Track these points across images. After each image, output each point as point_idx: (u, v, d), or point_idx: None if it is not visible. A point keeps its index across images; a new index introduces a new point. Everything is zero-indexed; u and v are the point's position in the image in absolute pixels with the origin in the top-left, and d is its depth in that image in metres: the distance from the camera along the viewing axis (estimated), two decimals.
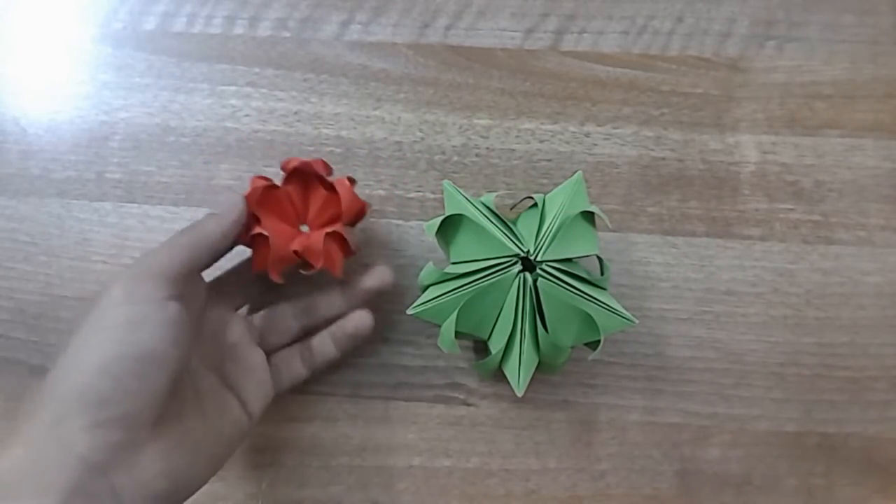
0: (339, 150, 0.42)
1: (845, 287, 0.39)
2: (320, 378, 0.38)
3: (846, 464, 0.37)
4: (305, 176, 0.35)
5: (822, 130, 0.41)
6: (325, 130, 0.42)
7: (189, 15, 0.45)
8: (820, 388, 0.38)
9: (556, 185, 0.41)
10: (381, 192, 0.41)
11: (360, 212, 0.35)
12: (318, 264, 0.33)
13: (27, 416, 0.26)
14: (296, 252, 0.34)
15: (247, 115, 0.43)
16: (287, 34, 0.44)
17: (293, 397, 0.38)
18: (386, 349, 0.38)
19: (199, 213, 0.41)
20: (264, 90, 0.43)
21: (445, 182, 0.34)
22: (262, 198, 0.34)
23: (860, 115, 0.42)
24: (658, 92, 0.42)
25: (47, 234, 0.41)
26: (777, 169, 0.41)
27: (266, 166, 0.41)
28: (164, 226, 0.41)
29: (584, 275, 0.32)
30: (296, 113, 0.43)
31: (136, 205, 0.41)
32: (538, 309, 0.32)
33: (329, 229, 0.34)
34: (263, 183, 0.34)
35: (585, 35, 0.44)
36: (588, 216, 0.33)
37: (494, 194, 0.34)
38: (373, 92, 0.43)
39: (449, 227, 0.33)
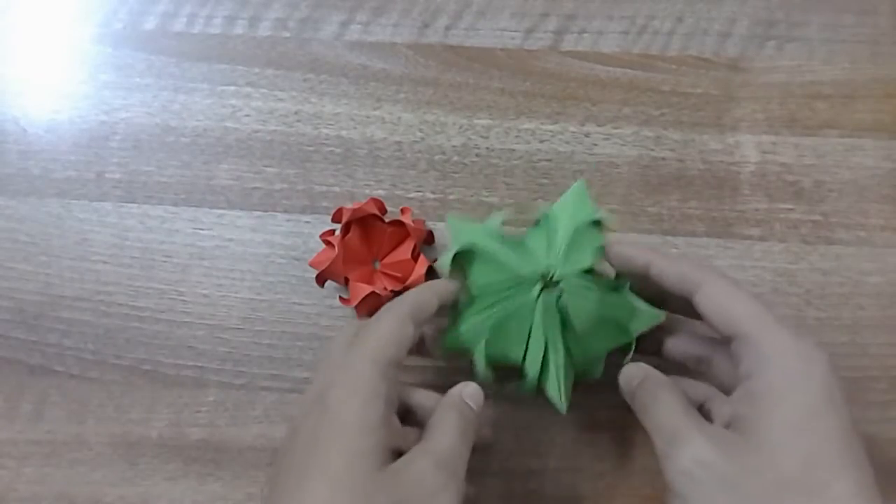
0: (339, 150, 0.42)
1: (845, 287, 0.39)
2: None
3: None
4: (408, 231, 0.38)
5: (822, 130, 0.41)
6: (325, 130, 0.42)
7: (189, 15, 0.45)
8: None
9: (556, 185, 0.41)
10: (381, 192, 0.41)
11: (429, 238, 0.39)
12: (352, 304, 0.36)
13: None
14: (346, 278, 0.37)
15: (247, 115, 0.43)
16: (287, 34, 0.44)
17: (293, 397, 0.38)
18: None
19: (200, 212, 0.41)
20: (264, 90, 0.43)
21: (449, 218, 0.34)
22: (365, 219, 0.38)
23: (860, 115, 0.41)
24: (658, 92, 0.42)
25: (47, 234, 0.41)
26: (777, 169, 0.41)
27: (266, 166, 0.41)
28: (164, 226, 0.41)
29: (602, 281, 0.32)
30: (296, 113, 0.43)
31: (136, 205, 0.41)
32: (566, 324, 0.32)
33: (378, 289, 0.36)
34: (374, 209, 0.37)
35: (585, 35, 0.44)
36: (595, 221, 0.33)
37: (500, 219, 0.33)
38: (373, 92, 0.43)
39: (461, 259, 0.33)
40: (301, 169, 0.41)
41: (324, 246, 0.38)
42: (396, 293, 0.37)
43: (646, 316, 0.31)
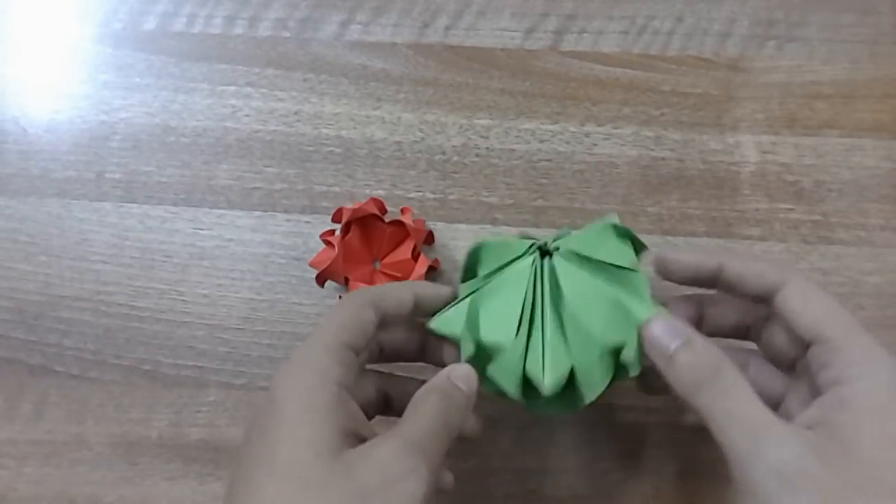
0: (339, 150, 0.42)
1: (845, 287, 0.39)
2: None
3: None
4: (407, 231, 0.37)
5: (822, 130, 0.41)
6: (325, 130, 0.42)
7: (189, 15, 0.45)
8: None
9: (556, 185, 0.41)
10: (381, 192, 0.41)
11: (429, 238, 0.39)
12: None
13: None
14: (346, 278, 0.37)
15: (247, 115, 0.43)
16: (287, 34, 0.44)
17: None
18: None
19: (199, 212, 0.41)
20: (264, 90, 0.43)
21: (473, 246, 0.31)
22: (365, 219, 0.38)
23: (860, 115, 0.41)
24: (658, 92, 0.42)
25: (47, 234, 0.41)
26: (777, 169, 0.41)
27: (266, 166, 0.41)
28: (165, 226, 0.41)
29: (609, 261, 0.29)
30: (296, 113, 0.43)
31: (136, 205, 0.41)
32: (560, 304, 0.29)
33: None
34: (374, 209, 0.37)
35: (585, 35, 0.44)
36: (625, 237, 0.30)
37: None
38: (373, 92, 0.43)
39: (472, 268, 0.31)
40: (301, 169, 0.41)
41: (324, 246, 0.38)
42: None
43: (648, 303, 0.28)
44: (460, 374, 0.27)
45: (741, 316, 0.30)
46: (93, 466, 0.37)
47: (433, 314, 0.30)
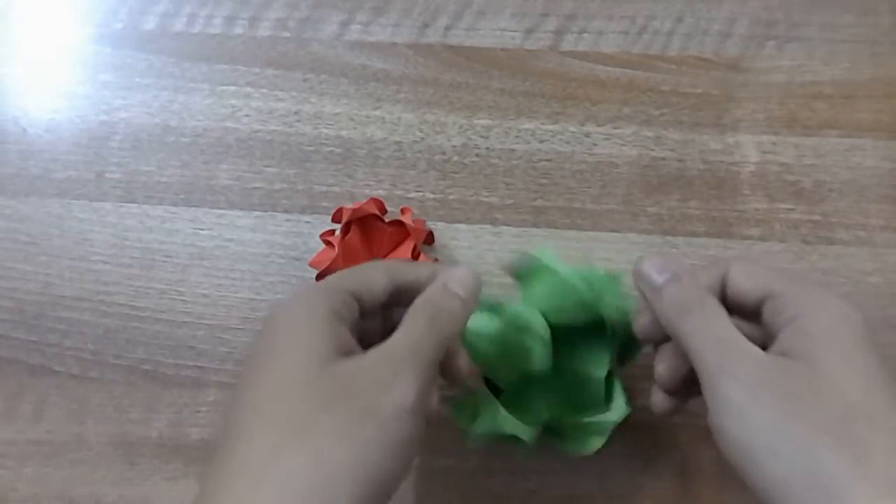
0: (339, 150, 0.42)
1: (845, 287, 0.39)
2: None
3: None
4: (407, 231, 0.37)
5: (822, 130, 0.41)
6: (325, 130, 0.42)
7: (189, 15, 0.45)
8: None
9: (556, 185, 0.41)
10: (381, 192, 0.41)
11: (429, 238, 0.39)
12: None
13: None
14: None
15: (247, 115, 0.43)
16: (287, 34, 0.44)
17: None
18: None
19: (199, 212, 0.41)
20: (264, 90, 0.43)
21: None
22: (365, 219, 0.37)
23: (860, 115, 0.41)
24: (658, 92, 0.42)
25: (47, 234, 0.41)
26: (777, 169, 0.41)
27: (266, 166, 0.41)
28: (165, 226, 0.41)
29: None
30: (296, 113, 0.43)
31: (136, 205, 0.41)
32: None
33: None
34: (374, 209, 0.37)
35: (585, 35, 0.44)
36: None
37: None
38: (373, 92, 0.43)
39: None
40: (301, 169, 0.41)
41: (324, 246, 0.38)
42: None
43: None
44: (459, 277, 0.28)
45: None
46: (93, 466, 0.37)
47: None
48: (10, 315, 0.40)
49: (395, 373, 0.24)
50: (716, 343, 0.26)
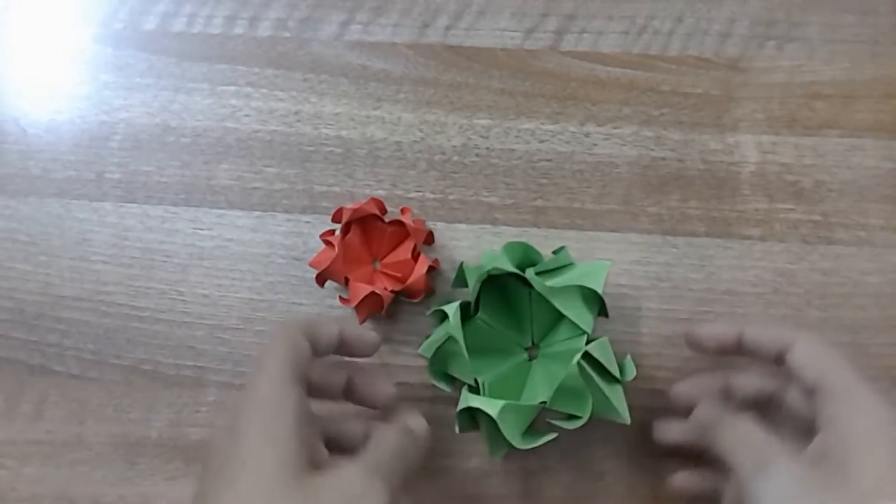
0: (339, 150, 0.42)
1: (845, 287, 0.39)
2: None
3: None
4: (408, 231, 0.37)
5: (822, 130, 0.41)
6: (325, 130, 0.42)
7: (189, 15, 0.45)
8: None
9: (556, 185, 0.41)
10: (381, 192, 0.41)
11: (429, 238, 0.39)
12: (352, 304, 0.36)
13: None
14: (346, 279, 0.37)
15: (247, 115, 0.43)
16: (287, 34, 0.44)
17: None
18: (386, 349, 0.38)
19: (199, 212, 0.41)
20: (264, 90, 0.43)
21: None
22: (365, 219, 0.38)
23: (860, 115, 0.41)
24: (658, 92, 0.42)
25: (47, 234, 0.41)
26: (777, 169, 0.41)
27: (266, 166, 0.41)
28: (164, 226, 0.41)
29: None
30: (296, 113, 0.43)
31: (136, 205, 0.41)
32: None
33: (378, 289, 0.36)
34: (374, 209, 0.37)
35: (585, 35, 0.44)
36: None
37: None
38: (373, 92, 0.43)
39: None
40: (301, 169, 0.41)
41: (324, 246, 0.38)
42: (397, 293, 0.37)
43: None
44: (417, 422, 0.30)
45: (762, 384, 0.33)
46: (93, 466, 0.37)
47: (357, 355, 0.32)
48: (10, 315, 0.40)
49: (368, 487, 0.25)
50: (750, 447, 0.28)
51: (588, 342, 0.33)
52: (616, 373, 0.32)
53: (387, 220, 0.38)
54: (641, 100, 0.42)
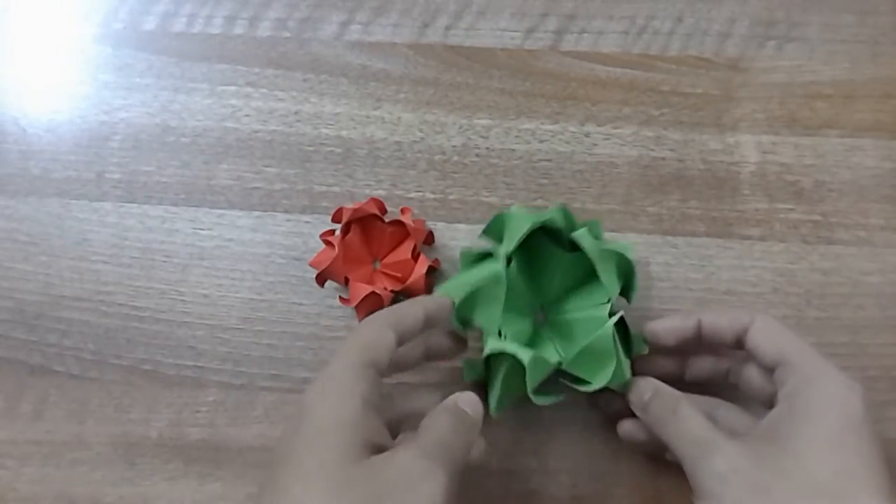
0: (339, 150, 0.42)
1: (845, 287, 0.39)
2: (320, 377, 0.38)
3: None
4: (408, 231, 0.37)
5: (822, 130, 0.41)
6: (325, 130, 0.42)
7: (189, 15, 0.45)
8: None
9: (556, 185, 0.41)
10: (381, 192, 0.41)
11: (429, 238, 0.39)
12: (352, 304, 0.36)
13: None
14: (346, 279, 0.37)
15: (247, 115, 0.43)
16: (287, 34, 0.44)
17: (293, 397, 0.38)
18: None
19: (199, 212, 0.41)
20: (264, 90, 0.43)
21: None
22: (365, 219, 0.38)
23: (860, 115, 0.41)
24: (658, 92, 0.42)
25: (47, 234, 0.41)
26: (777, 169, 0.41)
27: (266, 166, 0.41)
28: (164, 226, 0.41)
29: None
30: (296, 113, 0.43)
31: (136, 205, 0.41)
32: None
33: (378, 289, 0.36)
34: (374, 209, 0.37)
35: (585, 35, 0.44)
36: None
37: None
38: (373, 92, 0.43)
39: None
40: (301, 169, 0.41)
41: (324, 246, 0.38)
42: (396, 293, 0.37)
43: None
44: (467, 400, 0.30)
45: (716, 363, 0.34)
46: (93, 466, 0.37)
47: (438, 325, 0.33)
48: (10, 315, 0.40)
49: (426, 470, 0.25)
50: (692, 441, 0.29)
51: (609, 315, 0.34)
52: (635, 345, 0.33)
53: (387, 221, 0.38)
54: (641, 100, 0.42)
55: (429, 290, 0.38)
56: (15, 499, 0.37)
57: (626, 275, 0.34)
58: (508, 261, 0.35)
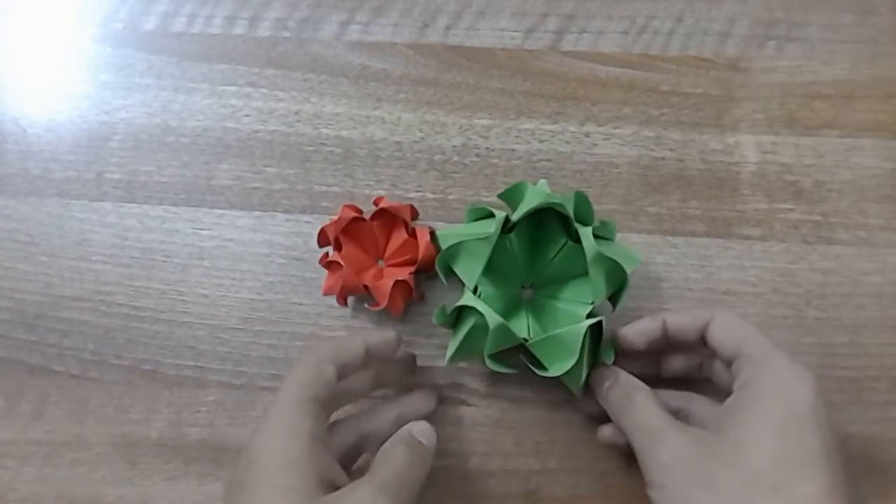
0: (339, 150, 0.42)
1: (845, 287, 0.39)
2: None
3: (846, 464, 0.36)
4: (392, 215, 0.37)
5: (822, 130, 0.41)
6: (325, 130, 0.42)
7: (189, 15, 0.45)
8: (820, 388, 0.37)
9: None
10: (381, 192, 0.41)
11: (413, 213, 0.39)
12: (382, 304, 0.36)
13: None
14: (365, 286, 0.37)
15: (247, 115, 0.43)
16: (287, 34, 0.44)
17: None
18: None
19: (199, 212, 0.41)
20: (264, 90, 0.43)
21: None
22: (349, 227, 0.37)
23: (860, 115, 0.41)
24: (658, 92, 0.42)
25: (47, 234, 0.41)
26: (777, 169, 0.41)
27: (266, 166, 0.41)
28: (164, 226, 0.41)
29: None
30: (296, 113, 0.43)
31: (136, 205, 0.41)
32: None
33: (400, 276, 0.36)
34: (352, 213, 0.37)
35: (585, 35, 0.44)
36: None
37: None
38: (373, 92, 0.43)
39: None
40: (301, 169, 0.41)
41: (326, 272, 0.38)
42: (417, 273, 0.37)
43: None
44: (422, 430, 0.30)
45: (687, 360, 0.34)
46: (93, 466, 0.37)
47: (382, 359, 0.33)
48: (10, 315, 0.40)
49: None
50: (644, 431, 0.30)
51: (588, 316, 0.34)
52: (601, 354, 0.34)
53: (366, 217, 0.38)
54: (641, 100, 0.42)
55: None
56: (15, 499, 0.37)
57: (621, 282, 0.35)
58: (511, 229, 0.35)
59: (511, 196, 0.35)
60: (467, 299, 0.33)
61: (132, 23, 0.45)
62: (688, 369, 0.35)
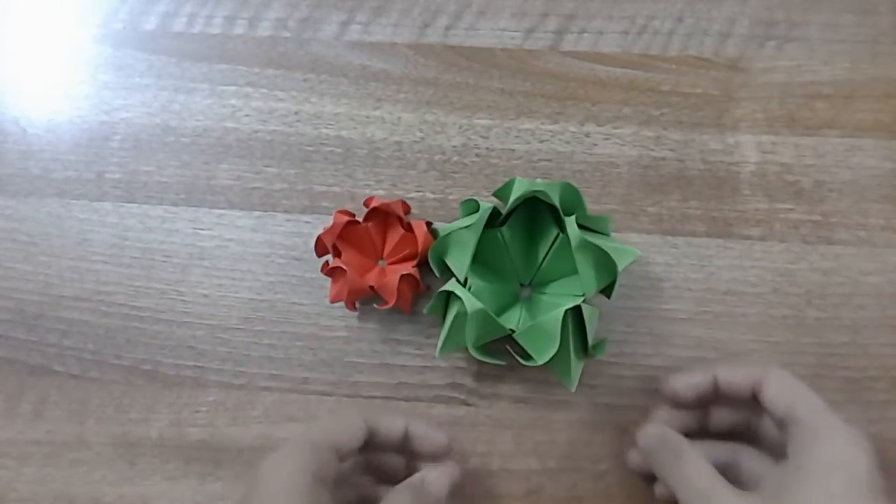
0: (339, 150, 0.42)
1: (845, 287, 0.39)
2: (320, 378, 0.38)
3: None
4: (385, 213, 0.38)
5: (822, 130, 0.41)
6: (325, 130, 0.42)
7: (189, 15, 0.45)
8: (820, 388, 0.37)
9: None
10: (381, 192, 0.41)
11: (405, 207, 0.39)
12: (392, 302, 0.36)
13: None
14: (371, 287, 0.37)
15: (247, 115, 0.43)
16: (287, 34, 0.44)
17: (293, 397, 0.38)
18: (386, 349, 0.38)
19: (200, 212, 0.41)
20: (264, 90, 0.43)
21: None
22: (344, 232, 0.37)
23: (860, 115, 0.41)
24: (658, 92, 0.42)
25: (47, 234, 0.41)
26: (777, 169, 0.41)
27: (266, 166, 0.41)
28: (164, 226, 0.41)
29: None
30: (296, 113, 0.43)
31: (136, 205, 0.41)
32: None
33: (404, 271, 0.36)
34: (346, 218, 0.37)
35: (585, 35, 0.44)
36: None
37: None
38: (373, 92, 0.43)
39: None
40: (301, 169, 0.41)
41: (330, 280, 0.38)
42: (420, 265, 0.37)
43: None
44: (433, 478, 0.30)
45: (735, 415, 0.34)
46: (93, 466, 0.37)
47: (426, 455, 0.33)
48: (10, 315, 0.40)
49: None
50: (696, 491, 0.29)
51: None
52: (596, 348, 0.34)
53: (359, 219, 0.38)
54: (641, 100, 0.42)
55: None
56: (15, 499, 0.37)
57: (614, 274, 0.35)
58: (503, 221, 0.36)
59: (504, 193, 0.36)
60: (450, 285, 0.33)
61: (132, 23, 0.45)
62: (735, 424, 0.34)
